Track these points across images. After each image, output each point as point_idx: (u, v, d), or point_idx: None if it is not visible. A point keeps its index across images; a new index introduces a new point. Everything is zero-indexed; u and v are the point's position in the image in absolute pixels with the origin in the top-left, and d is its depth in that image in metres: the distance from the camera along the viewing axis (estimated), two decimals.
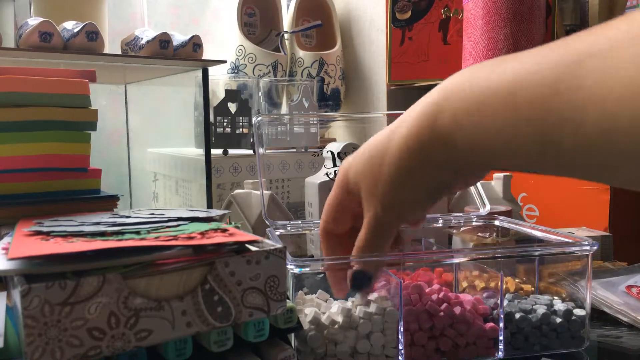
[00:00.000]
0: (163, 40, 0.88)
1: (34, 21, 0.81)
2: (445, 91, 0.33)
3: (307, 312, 0.42)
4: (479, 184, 0.64)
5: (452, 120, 0.33)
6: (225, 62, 0.97)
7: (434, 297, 0.44)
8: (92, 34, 0.83)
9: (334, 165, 0.67)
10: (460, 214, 0.63)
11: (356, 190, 0.40)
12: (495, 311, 0.45)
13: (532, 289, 0.52)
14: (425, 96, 0.35)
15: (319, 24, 1.20)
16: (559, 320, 0.46)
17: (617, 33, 0.24)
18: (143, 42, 0.90)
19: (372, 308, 0.42)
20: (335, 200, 0.43)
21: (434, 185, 0.36)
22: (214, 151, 0.94)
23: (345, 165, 0.42)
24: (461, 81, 0.32)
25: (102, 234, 0.36)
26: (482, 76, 0.31)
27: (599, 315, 0.54)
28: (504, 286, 0.45)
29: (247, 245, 0.37)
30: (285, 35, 1.20)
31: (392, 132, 0.37)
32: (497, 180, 0.76)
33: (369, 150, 0.39)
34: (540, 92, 0.27)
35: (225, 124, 0.97)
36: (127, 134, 1.22)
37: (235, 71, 1.14)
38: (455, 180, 0.36)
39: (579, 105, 0.25)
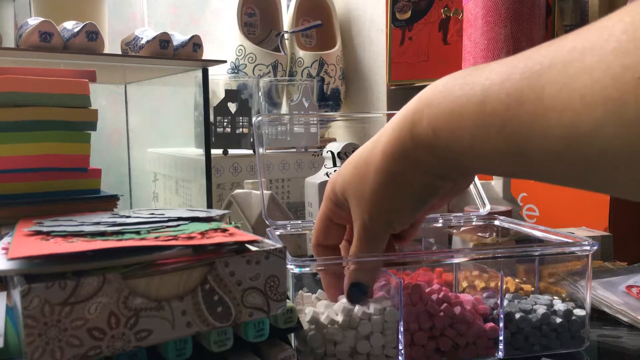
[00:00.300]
0: (163, 40, 0.88)
1: (34, 21, 0.81)
2: (425, 99, 0.34)
3: (307, 312, 0.42)
4: (478, 184, 0.64)
5: (430, 129, 0.33)
6: (225, 62, 0.98)
7: (434, 297, 0.44)
8: (92, 34, 0.83)
9: (334, 165, 0.67)
10: (460, 214, 0.63)
11: (344, 203, 0.41)
12: (495, 311, 0.45)
13: (532, 289, 0.52)
14: (407, 104, 0.36)
15: (319, 24, 1.20)
16: (559, 320, 0.46)
17: (575, 44, 0.25)
18: (143, 42, 0.90)
19: (372, 308, 0.42)
20: (324, 214, 0.44)
21: (420, 190, 0.36)
22: (214, 151, 0.94)
23: (332, 179, 0.42)
24: (439, 90, 0.33)
25: (102, 234, 0.36)
26: (457, 85, 0.31)
27: (599, 315, 0.54)
28: (504, 286, 0.45)
29: (247, 245, 0.37)
30: (285, 35, 1.20)
31: (376, 141, 0.38)
32: (497, 180, 0.76)
33: (354, 161, 0.40)
34: (506, 103, 0.28)
35: (225, 124, 0.97)
36: (127, 134, 1.22)
37: (235, 71, 1.14)
38: (442, 184, 0.36)
39: (540, 114, 0.26)
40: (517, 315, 0.45)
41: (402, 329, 0.42)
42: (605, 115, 0.23)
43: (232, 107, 0.97)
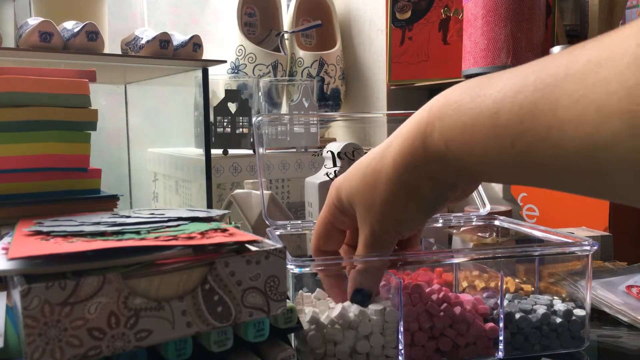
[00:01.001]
0: (163, 40, 0.88)
1: (34, 21, 0.81)
2: (436, 110, 0.34)
3: (307, 312, 0.42)
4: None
5: (442, 142, 0.33)
6: (225, 62, 0.98)
7: (434, 297, 0.44)
8: (92, 34, 0.83)
9: (334, 165, 0.67)
10: (460, 214, 0.63)
11: (350, 209, 0.41)
12: (495, 311, 0.45)
13: (532, 289, 0.52)
14: (416, 113, 0.36)
15: (319, 24, 1.20)
16: (559, 320, 0.46)
17: (590, 56, 0.25)
18: (143, 42, 0.90)
19: (372, 308, 0.42)
20: (326, 220, 0.44)
21: (431, 199, 0.37)
22: (214, 151, 0.94)
23: (336, 186, 0.42)
24: (450, 102, 0.33)
25: (102, 234, 0.36)
26: (469, 97, 0.31)
27: (599, 315, 0.54)
28: (504, 286, 0.45)
29: (247, 245, 0.37)
30: (285, 35, 1.20)
31: (385, 150, 0.38)
32: None
33: (362, 169, 0.39)
34: (519, 115, 0.28)
35: (225, 124, 0.97)
36: (127, 134, 1.22)
37: (235, 71, 1.14)
38: (451, 192, 0.37)
39: (555, 126, 0.26)
40: (517, 315, 0.45)
41: (402, 329, 0.42)
42: (622, 128, 0.23)
43: (232, 107, 0.97)
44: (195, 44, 0.92)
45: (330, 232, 0.44)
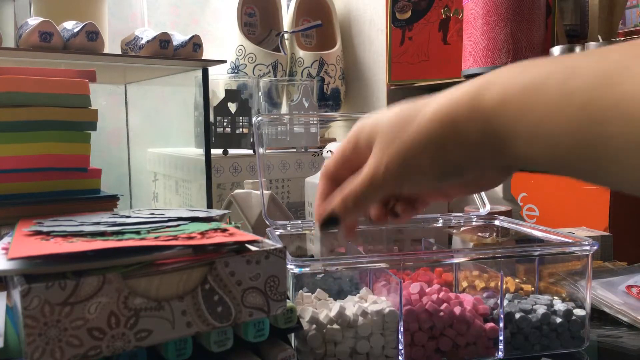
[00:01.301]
0: (163, 40, 0.88)
1: (34, 21, 0.81)
2: (492, 75, 0.32)
3: (307, 312, 0.42)
4: None
5: (498, 97, 0.31)
6: (225, 62, 0.98)
7: (434, 297, 0.44)
8: (92, 34, 0.83)
9: None
10: (460, 214, 0.63)
11: (366, 144, 0.39)
12: (495, 311, 0.45)
13: (532, 289, 0.52)
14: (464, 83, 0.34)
15: (319, 24, 1.20)
16: (559, 320, 0.46)
17: None
18: (143, 42, 0.90)
19: (372, 308, 0.42)
20: (342, 151, 0.42)
21: (448, 168, 0.35)
22: (214, 151, 0.94)
23: (361, 122, 0.40)
24: (511, 68, 0.31)
25: (102, 234, 0.36)
26: (534, 66, 0.30)
27: (599, 315, 0.54)
28: (504, 286, 0.45)
29: (247, 245, 0.37)
30: (285, 35, 1.20)
31: (428, 101, 0.36)
32: None
33: (396, 109, 0.38)
34: (593, 82, 0.26)
35: (225, 124, 0.97)
36: (127, 134, 1.22)
37: (235, 71, 1.14)
38: (471, 168, 0.35)
39: (630, 97, 0.24)
40: (517, 315, 0.45)
41: (402, 329, 0.42)
42: None
43: (232, 107, 0.97)
44: (195, 44, 0.92)
45: (340, 163, 0.42)
